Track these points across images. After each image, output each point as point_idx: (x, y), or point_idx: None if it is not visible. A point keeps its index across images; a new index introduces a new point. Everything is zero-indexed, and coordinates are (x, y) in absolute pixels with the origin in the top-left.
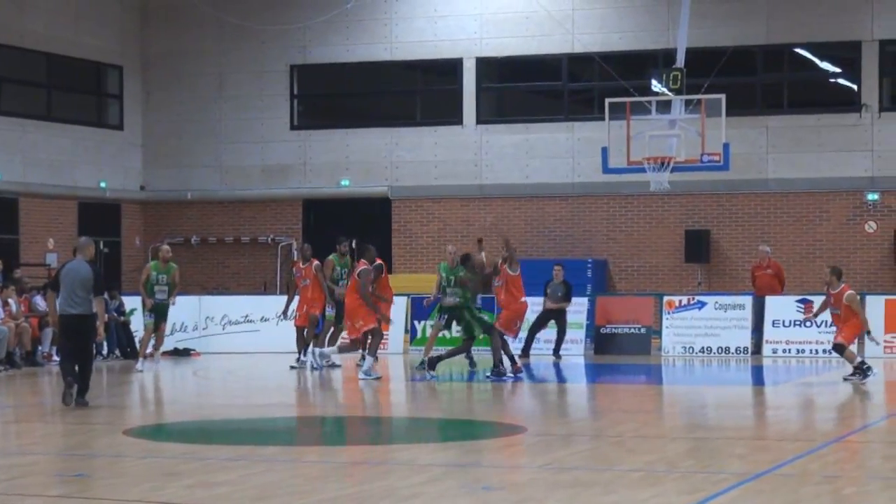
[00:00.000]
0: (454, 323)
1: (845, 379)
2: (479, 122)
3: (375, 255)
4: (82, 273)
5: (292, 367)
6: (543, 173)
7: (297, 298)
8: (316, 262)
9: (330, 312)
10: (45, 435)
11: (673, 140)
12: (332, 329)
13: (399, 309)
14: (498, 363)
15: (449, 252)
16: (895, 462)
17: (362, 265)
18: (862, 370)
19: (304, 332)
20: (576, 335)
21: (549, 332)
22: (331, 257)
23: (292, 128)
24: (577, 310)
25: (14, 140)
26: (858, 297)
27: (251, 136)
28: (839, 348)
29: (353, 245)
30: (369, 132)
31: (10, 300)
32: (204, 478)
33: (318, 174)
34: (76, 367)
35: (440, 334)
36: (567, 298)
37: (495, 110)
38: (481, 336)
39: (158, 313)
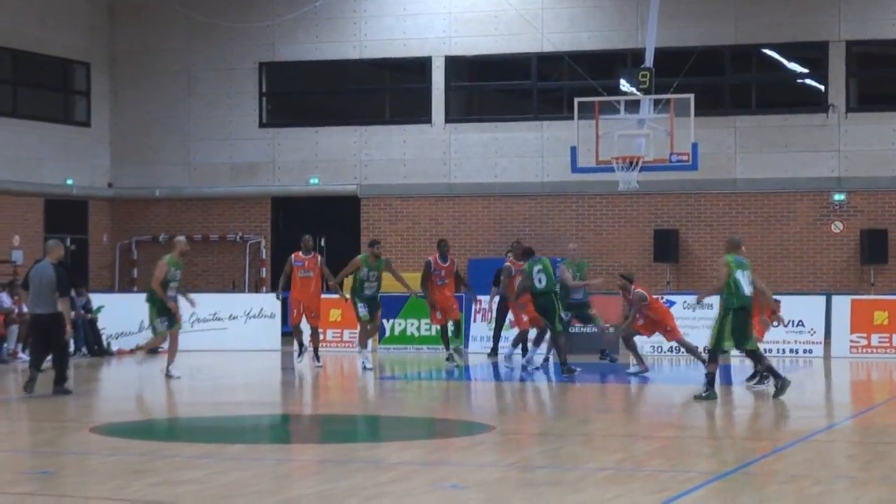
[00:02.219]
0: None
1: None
2: (447, 120)
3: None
4: (48, 274)
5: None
6: (512, 172)
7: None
8: (320, 258)
9: (364, 311)
10: (12, 432)
11: (641, 140)
12: (368, 328)
13: None
14: (565, 362)
15: (571, 249)
16: (860, 461)
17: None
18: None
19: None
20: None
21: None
22: (360, 256)
23: (261, 125)
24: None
25: None
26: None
27: (220, 134)
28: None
29: (322, 243)
30: (338, 130)
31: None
32: (170, 476)
33: (287, 172)
34: (50, 360)
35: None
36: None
37: (464, 109)
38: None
39: (173, 316)
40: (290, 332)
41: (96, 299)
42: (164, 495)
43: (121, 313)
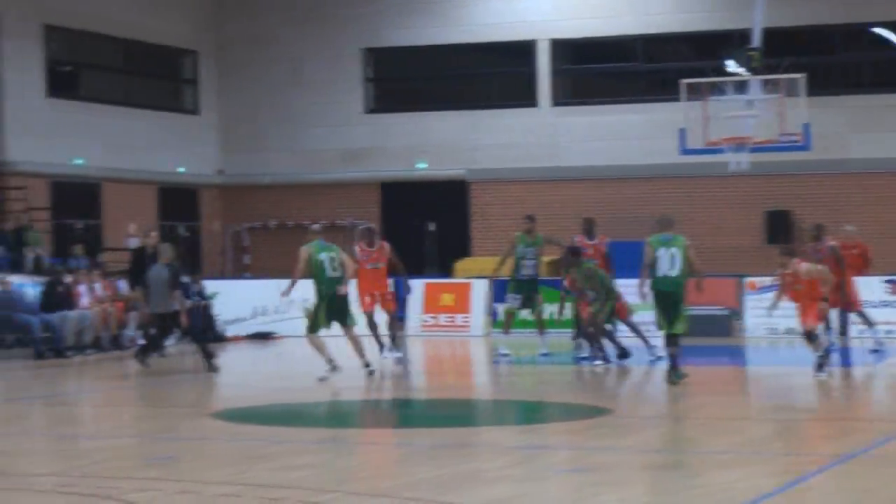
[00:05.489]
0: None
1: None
2: (554, 104)
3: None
4: (163, 276)
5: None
6: (618, 155)
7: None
8: (387, 244)
9: (513, 304)
10: (133, 418)
11: (750, 120)
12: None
13: (479, 292)
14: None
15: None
16: None
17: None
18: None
19: (373, 317)
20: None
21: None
22: (515, 234)
23: (367, 111)
24: None
25: (94, 126)
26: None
27: (327, 120)
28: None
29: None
30: (445, 115)
31: (95, 284)
32: (288, 460)
33: (394, 157)
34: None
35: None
36: None
37: (570, 92)
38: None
39: (341, 308)
40: (403, 317)
41: (209, 286)
42: (282, 480)
43: (233, 299)
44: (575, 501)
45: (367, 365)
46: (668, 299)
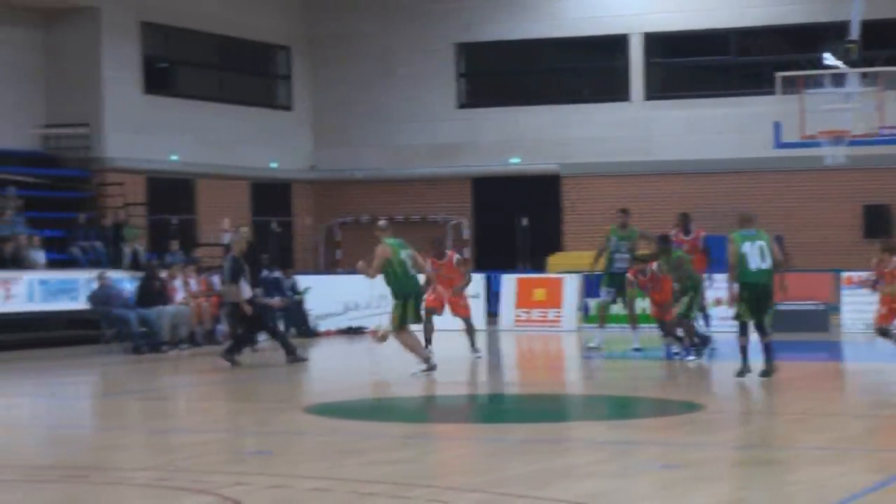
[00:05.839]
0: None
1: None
2: (647, 97)
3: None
4: (224, 269)
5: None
6: (712, 148)
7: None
8: (456, 256)
9: (607, 297)
10: (228, 413)
11: (849, 114)
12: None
13: (571, 287)
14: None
15: None
16: None
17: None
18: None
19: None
20: None
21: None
22: (609, 228)
23: (459, 106)
24: None
25: (188, 121)
26: None
27: (419, 115)
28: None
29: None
30: (537, 109)
31: (190, 280)
32: (381, 455)
33: (486, 152)
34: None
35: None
36: None
37: (663, 86)
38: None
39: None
40: (495, 312)
41: (302, 281)
42: (374, 475)
43: (325, 295)
44: (667, 498)
45: (475, 351)
46: (761, 291)
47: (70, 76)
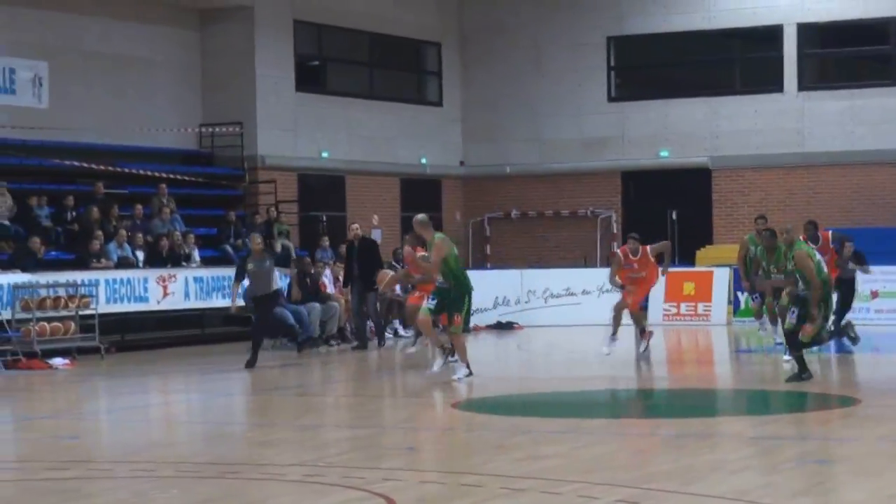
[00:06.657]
0: None
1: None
2: (800, 88)
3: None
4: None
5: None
6: (870, 140)
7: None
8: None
9: (753, 302)
10: (377, 409)
11: None
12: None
13: (721, 280)
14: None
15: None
16: None
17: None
18: None
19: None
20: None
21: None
22: (746, 237)
23: (610, 100)
24: None
25: (339, 118)
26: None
27: (568, 109)
28: None
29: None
30: (688, 102)
31: (340, 276)
32: (532, 451)
33: (636, 145)
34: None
35: None
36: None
37: (818, 76)
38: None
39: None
40: (644, 306)
41: None
42: (525, 470)
43: (476, 290)
44: (822, 493)
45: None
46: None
47: (225, 75)
